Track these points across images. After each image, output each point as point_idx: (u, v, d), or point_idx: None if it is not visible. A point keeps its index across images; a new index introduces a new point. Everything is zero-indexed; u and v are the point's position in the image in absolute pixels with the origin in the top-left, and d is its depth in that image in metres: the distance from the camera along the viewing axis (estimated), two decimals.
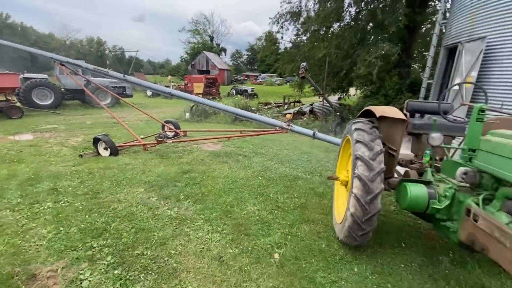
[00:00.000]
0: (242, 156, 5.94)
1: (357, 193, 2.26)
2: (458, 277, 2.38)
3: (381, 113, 2.50)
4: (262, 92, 28.75)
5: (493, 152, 1.71)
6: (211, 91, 20.86)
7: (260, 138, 8.00)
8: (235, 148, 6.66)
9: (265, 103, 15.52)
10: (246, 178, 4.56)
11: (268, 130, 6.05)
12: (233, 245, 2.69)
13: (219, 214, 3.27)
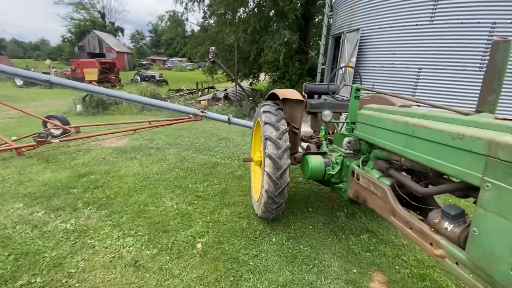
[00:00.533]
0: (154, 149, 5.47)
1: (268, 170, 2.42)
2: (350, 226, 2.94)
3: (283, 95, 2.71)
4: (173, 78, 26.92)
5: (366, 123, 2.11)
6: (109, 77, 17.97)
7: (174, 128, 7.54)
8: (145, 141, 6.06)
9: (176, 90, 14.61)
10: (161, 172, 4.25)
11: (182, 118, 5.74)
12: (151, 245, 2.48)
13: (130, 216, 2.94)
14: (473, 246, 1.13)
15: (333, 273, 2.23)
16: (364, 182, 2.06)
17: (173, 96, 12.37)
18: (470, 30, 5.10)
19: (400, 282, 2.17)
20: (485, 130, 1.15)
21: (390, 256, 2.48)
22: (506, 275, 0.98)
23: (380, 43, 6.45)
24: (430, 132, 1.40)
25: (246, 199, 3.46)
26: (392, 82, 6.26)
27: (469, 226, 1.18)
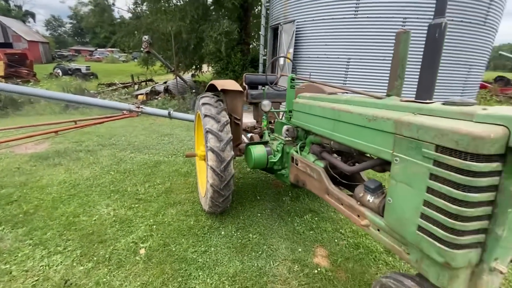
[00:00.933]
0: (84, 152, 4.84)
1: (212, 164, 2.37)
2: (295, 209, 3.11)
3: (221, 86, 2.65)
4: (103, 71, 24.07)
5: (300, 111, 2.22)
6: (20, 72, 15.01)
7: (107, 126, 6.79)
8: (72, 144, 5.33)
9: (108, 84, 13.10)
10: (94, 177, 3.79)
11: (114, 115, 5.17)
12: (84, 260, 2.21)
13: (57, 231, 2.56)
14: (389, 213, 1.30)
15: (280, 255, 2.34)
16: (302, 166, 2.18)
17: (104, 91, 11.06)
18: (386, 24, 5.80)
19: (339, 253, 2.40)
20: (392, 111, 1.31)
21: (330, 231, 2.72)
22: (414, 234, 1.16)
23: (314, 35, 6.85)
24: (351, 116, 1.53)
25: (193, 196, 3.35)
26: (326, 71, 6.76)
27: (385, 196, 1.35)
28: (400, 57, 1.40)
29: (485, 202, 0.97)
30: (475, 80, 6.74)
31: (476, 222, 0.98)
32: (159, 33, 10.59)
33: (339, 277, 2.12)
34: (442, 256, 1.04)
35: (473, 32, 5.86)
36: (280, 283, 2.04)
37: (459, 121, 1.00)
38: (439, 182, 1.03)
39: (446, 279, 1.08)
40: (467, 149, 0.92)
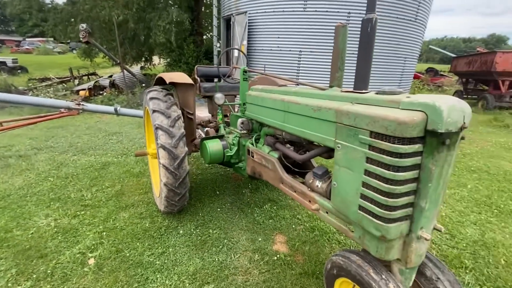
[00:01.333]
0: (14, 158, 4.22)
1: (164, 162, 2.26)
2: (255, 200, 3.16)
3: (170, 79, 2.52)
4: (35, 63, 21.09)
5: (253, 103, 2.23)
6: None
7: (42, 127, 6.01)
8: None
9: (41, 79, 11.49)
10: (28, 186, 3.34)
11: (49, 114, 4.57)
12: (21, 279, 1.95)
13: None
14: (334, 196, 1.39)
15: (241, 247, 2.36)
16: (257, 158, 2.21)
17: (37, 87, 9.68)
18: (332, 17, 6.11)
19: (297, 237, 2.52)
20: (334, 101, 1.39)
21: (288, 218, 2.83)
22: (356, 213, 1.26)
23: (267, 27, 6.90)
24: (299, 107, 1.59)
25: (148, 196, 3.17)
26: (280, 63, 6.89)
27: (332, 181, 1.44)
28: (339, 50, 1.48)
29: (410, 180, 1.09)
30: (410, 71, 7.56)
31: (405, 198, 1.11)
32: (100, 22, 9.56)
33: (297, 260, 2.23)
34: (379, 230, 1.15)
35: (406, 28, 6.53)
36: (241, 274, 2.07)
37: (388, 109, 1.11)
38: (374, 164, 1.13)
39: (384, 250, 1.20)
40: (394, 133, 1.03)
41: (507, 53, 8.81)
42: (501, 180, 3.82)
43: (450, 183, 3.71)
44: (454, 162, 1.12)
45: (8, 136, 5.23)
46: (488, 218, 2.92)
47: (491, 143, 5.69)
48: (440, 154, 1.04)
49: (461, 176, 3.96)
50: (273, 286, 1.96)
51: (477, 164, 4.41)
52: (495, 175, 4.01)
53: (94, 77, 12.33)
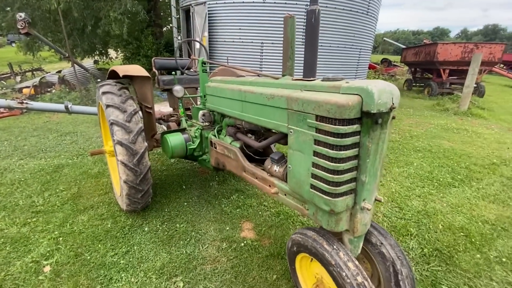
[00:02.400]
0: None
1: (122, 159, 2.17)
2: (222, 191, 3.19)
3: (123, 72, 2.40)
4: None
5: (212, 94, 2.24)
6: None
7: None
8: None
9: None
10: None
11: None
12: None
13: None
14: (290, 178, 1.49)
15: (209, 238, 2.39)
16: (220, 149, 2.23)
17: None
18: (291, 9, 6.24)
19: (263, 223, 2.62)
20: (285, 89, 1.46)
21: (255, 205, 2.92)
22: (309, 192, 1.36)
23: (228, 19, 6.82)
24: (254, 96, 1.64)
25: (109, 197, 3.03)
26: (242, 55, 6.89)
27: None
28: (289, 40, 1.55)
29: (352, 157, 1.21)
30: (365, 61, 8.07)
31: (348, 174, 1.23)
32: (42, 10, 8.59)
33: (264, 244, 2.33)
34: (328, 205, 1.26)
35: (360, 20, 6.93)
36: (209, 263, 2.10)
37: (331, 94, 1.21)
38: (321, 145, 1.23)
39: (333, 223, 1.33)
40: (335, 115, 1.13)
41: (447, 44, 9.82)
42: (441, 157, 4.33)
43: (399, 162, 4.11)
44: (387, 139, 1.26)
45: None
46: (430, 190, 3.31)
47: (434, 125, 6.38)
48: (374, 133, 1.17)
49: (409, 155, 4.40)
50: (241, 271, 2.03)
51: (422, 144, 4.93)
52: (436, 153, 4.52)
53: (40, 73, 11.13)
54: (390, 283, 1.41)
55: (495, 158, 4.34)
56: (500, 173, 3.81)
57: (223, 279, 1.96)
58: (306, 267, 1.66)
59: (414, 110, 8.12)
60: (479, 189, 3.37)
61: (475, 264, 2.16)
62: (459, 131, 5.83)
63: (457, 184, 3.49)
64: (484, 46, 9.56)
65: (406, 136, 5.44)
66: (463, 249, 2.31)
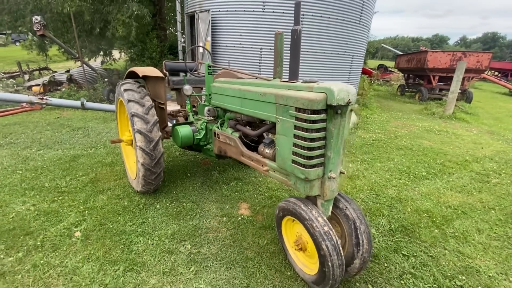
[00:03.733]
0: None
1: (141, 145, 2.61)
2: (223, 179, 3.63)
3: (142, 73, 2.85)
4: None
5: (217, 93, 2.68)
6: None
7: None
8: None
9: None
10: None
11: (9, 110, 4.49)
12: (12, 252, 2.19)
13: None
14: (277, 157, 1.93)
15: (212, 214, 2.83)
16: (222, 138, 2.68)
17: None
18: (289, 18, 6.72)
19: (258, 204, 3.05)
20: (274, 88, 1.91)
21: (251, 190, 3.36)
22: (290, 166, 1.80)
23: (229, 25, 7.29)
24: (251, 94, 2.09)
25: (123, 181, 3.45)
26: (243, 60, 7.35)
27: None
28: (278, 51, 2.01)
29: (320, 138, 1.66)
30: (357, 67, 8.56)
31: (318, 151, 1.67)
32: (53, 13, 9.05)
33: (257, 219, 2.76)
34: (303, 174, 1.71)
35: (352, 29, 7.42)
36: (212, 232, 2.54)
37: (306, 92, 1.66)
38: (299, 130, 1.68)
39: (308, 189, 1.77)
40: (308, 107, 1.58)
41: (436, 53, 10.37)
42: (420, 155, 4.80)
43: (382, 158, 4.56)
44: (348, 126, 1.71)
45: None
46: (405, 182, 3.77)
47: (418, 127, 6.86)
48: (336, 120, 1.62)
49: (391, 153, 4.87)
50: (238, 238, 2.47)
51: (404, 143, 5.40)
52: (416, 151, 4.99)
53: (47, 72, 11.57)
54: (351, 236, 1.85)
55: (468, 156, 4.81)
56: (470, 169, 4.27)
57: (223, 243, 2.39)
58: (289, 228, 2.10)
59: (403, 113, 8.62)
60: (449, 181, 3.83)
61: (432, 237, 2.61)
62: (440, 133, 6.32)
63: (430, 177, 3.95)
64: (472, 54, 10.11)
65: (391, 136, 5.92)
66: (424, 226, 2.76)
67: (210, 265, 2.13)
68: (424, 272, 2.15)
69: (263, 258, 2.23)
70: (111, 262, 2.11)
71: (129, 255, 2.19)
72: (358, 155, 4.71)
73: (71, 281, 1.92)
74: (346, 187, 3.54)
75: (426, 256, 2.33)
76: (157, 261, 2.14)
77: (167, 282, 1.96)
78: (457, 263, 2.27)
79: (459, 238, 2.61)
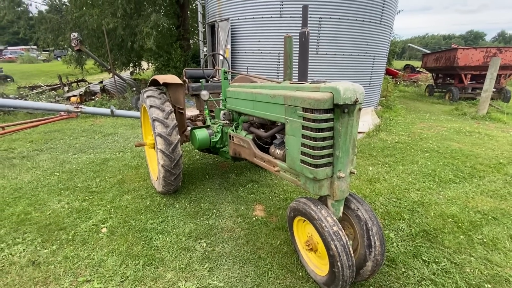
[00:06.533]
0: (18, 159, 4.61)
1: (161, 147, 2.78)
2: (239, 181, 3.71)
3: (163, 80, 3.05)
4: (19, 72, 20.96)
5: (232, 97, 2.79)
6: None
7: (39, 132, 6.37)
8: (1, 151, 4.95)
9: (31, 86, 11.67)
10: (37, 180, 3.76)
11: (50, 118, 4.98)
12: (48, 244, 2.42)
13: (10, 228, 2.65)
14: (287, 157, 1.96)
15: (227, 214, 2.91)
16: (237, 140, 2.76)
17: (27, 94, 9.91)
18: None
19: (273, 206, 3.08)
20: (284, 90, 1.96)
21: (267, 193, 3.39)
22: (299, 166, 1.83)
23: (248, 32, 7.48)
24: (262, 96, 2.16)
25: (147, 183, 3.66)
26: (261, 65, 7.48)
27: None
28: (287, 54, 2.06)
29: (328, 137, 1.67)
30: (380, 69, 8.30)
31: (326, 150, 1.69)
32: (89, 30, 9.91)
33: (272, 220, 2.79)
34: (312, 174, 1.72)
35: (373, 29, 7.25)
36: (227, 232, 2.61)
37: (313, 92, 1.68)
38: (306, 129, 1.71)
39: (318, 188, 1.78)
40: (314, 107, 1.60)
41: (467, 50, 9.74)
42: (447, 157, 4.52)
43: (405, 161, 4.37)
44: (356, 125, 1.71)
45: (7, 141, 5.58)
46: (429, 185, 3.58)
47: (446, 128, 6.46)
48: (343, 119, 1.62)
49: (415, 155, 4.64)
50: (252, 238, 2.51)
51: (430, 146, 5.12)
52: (443, 153, 4.71)
53: (83, 83, 12.60)
54: (363, 238, 1.82)
55: (503, 158, 4.44)
56: (505, 172, 3.95)
57: (237, 243, 2.45)
58: (301, 229, 2.11)
59: (431, 115, 8.16)
60: (479, 185, 3.58)
61: (457, 243, 2.45)
62: (472, 134, 5.90)
63: (458, 180, 3.71)
64: (509, 50, 9.36)
65: (416, 138, 5.64)
66: (448, 232, 2.61)
67: (223, 263, 2.19)
68: (445, 279, 2.03)
69: (275, 258, 2.25)
70: (132, 257, 2.25)
71: (148, 250, 2.33)
72: (379, 158, 4.55)
73: (97, 272, 2.09)
74: (365, 190, 3.44)
75: (449, 263, 2.21)
76: (174, 257, 2.25)
77: (182, 277, 2.05)
78: (483, 271, 2.12)
79: (488, 245, 2.43)
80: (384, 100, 8.77)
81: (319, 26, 6.76)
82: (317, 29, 6.76)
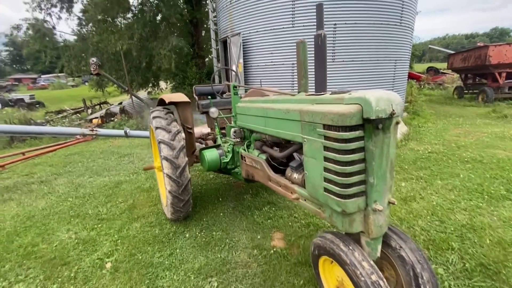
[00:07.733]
0: (37, 184, 4.63)
1: (167, 172, 2.55)
2: (255, 203, 3.39)
3: (169, 99, 2.87)
4: (51, 98, 22.47)
5: (242, 113, 2.53)
6: None
7: (60, 155, 6.50)
8: (22, 177, 5.03)
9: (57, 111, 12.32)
10: (50, 207, 3.69)
11: (66, 142, 5.02)
12: (49, 283, 2.23)
13: (15, 263, 2.51)
14: (307, 184, 1.63)
15: (242, 245, 2.58)
16: (249, 161, 2.47)
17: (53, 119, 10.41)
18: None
19: (293, 233, 2.72)
20: (299, 104, 1.66)
21: (286, 217, 3.03)
22: (323, 195, 1.49)
23: (260, 45, 7.35)
24: (274, 112, 1.87)
25: (157, 208, 3.45)
26: (275, 78, 7.26)
27: None
28: (301, 61, 1.77)
29: (358, 160, 1.33)
30: (402, 73, 7.78)
31: (356, 177, 1.34)
32: (108, 54, 10.34)
33: (293, 252, 2.42)
34: (339, 206, 1.38)
35: (392, 32, 6.83)
36: (241, 268, 2.28)
37: (336, 105, 1.37)
38: (329, 151, 1.38)
39: (347, 224, 1.42)
40: (338, 123, 1.28)
41: (499, 46, 8.94)
42: (494, 168, 3.92)
43: (443, 174, 3.83)
44: (394, 143, 1.36)
45: (30, 165, 5.71)
46: (478, 204, 3.04)
47: (487, 133, 5.75)
48: (377, 137, 1.28)
49: (454, 167, 4.08)
50: (270, 276, 2.16)
51: (471, 155, 4.51)
52: (489, 163, 4.10)
53: (106, 105, 13.11)
54: (410, 286, 1.42)
55: None
56: None
57: (253, 282, 2.11)
58: (328, 270, 1.73)
59: (465, 119, 7.42)
60: None
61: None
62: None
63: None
64: None
65: (452, 146, 5.03)
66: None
67: None
68: None
69: None
70: None
71: None
72: (412, 172, 4.04)
73: None
74: (400, 211, 2.98)
75: None
76: None
77: None
78: None
79: None
80: (409, 106, 8.16)
81: (334, 32, 6.46)
82: (332, 35, 6.47)
